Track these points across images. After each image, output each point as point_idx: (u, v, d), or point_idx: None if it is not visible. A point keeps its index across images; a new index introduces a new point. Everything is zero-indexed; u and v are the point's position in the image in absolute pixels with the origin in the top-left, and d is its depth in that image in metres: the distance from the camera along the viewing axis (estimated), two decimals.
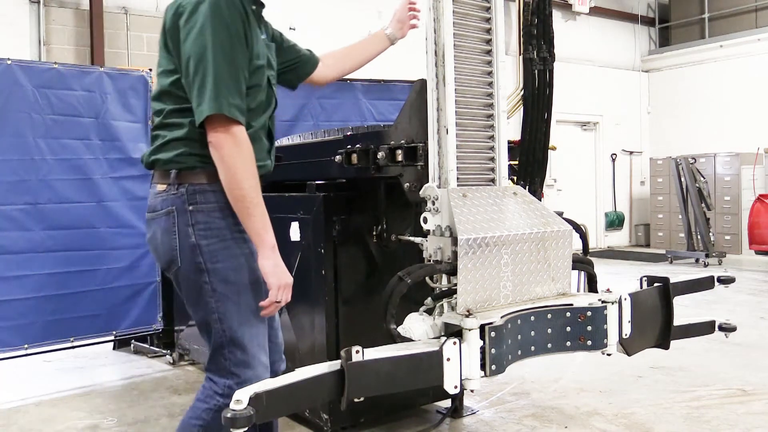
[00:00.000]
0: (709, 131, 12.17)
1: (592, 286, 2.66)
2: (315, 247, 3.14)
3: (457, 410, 3.59)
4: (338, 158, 2.95)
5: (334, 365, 1.79)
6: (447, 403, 3.60)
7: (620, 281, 8.09)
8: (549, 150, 3.36)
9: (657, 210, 12.35)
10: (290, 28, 8.12)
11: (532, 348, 2.16)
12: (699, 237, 9.91)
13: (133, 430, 3.54)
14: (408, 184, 2.60)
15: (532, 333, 2.16)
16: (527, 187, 3.19)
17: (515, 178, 3.18)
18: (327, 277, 3.14)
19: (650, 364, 4.37)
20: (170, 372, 4.62)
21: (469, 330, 1.95)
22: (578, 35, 12.15)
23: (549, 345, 2.19)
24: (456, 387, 1.95)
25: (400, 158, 2.62)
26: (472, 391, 2.13)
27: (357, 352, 1.78)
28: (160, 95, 2.05)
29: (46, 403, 4.02)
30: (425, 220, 2.36)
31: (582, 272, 2.73)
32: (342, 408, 1.80)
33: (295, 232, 3.25)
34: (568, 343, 2.22)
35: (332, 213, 3.14)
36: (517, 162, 3.31)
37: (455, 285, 2.19)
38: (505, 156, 2.60)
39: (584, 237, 3.10)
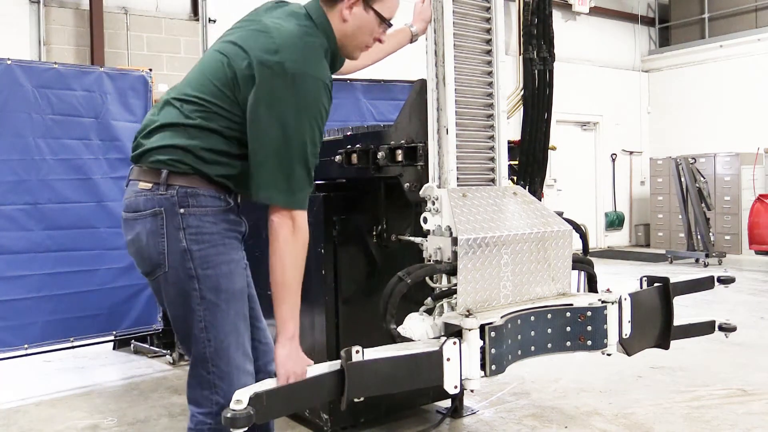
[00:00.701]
0: (709, 131, 12.17)
1: (592, 286, 2.66)
2: (315, 247, 3.14)
3: (457, 410, 3.59)
4: (338, 158, 2.95)
5: (334, 365, 1.79)
6: (447, 403, 3.60)
7: (620, 281, 8.09)
8: (549, 150, 3.37)
9: (657, 210, 12.35)
10: None
11: (532, 348, 2.16)
12: (699, 237, 9.91)
13: (133, 430, 3.54)
14: (408, 184, 2.61)
15: (532, 333, 2.16)
16: (527, 187, 3.19)
17: (515, 178, 3.18)
18: (327, 277, 3.14)
19: (650, 364, 4.37)
20: (170, 372, 4.62)
21: (469, 330, 1.96)
22: (578, 35, 12.14)
23: (549, 345, 2.20)
24: (456, 387, 1.95)
25: (400, 158, 2.63)
26: (472, 391, 2.12)
27: (357, 352, 1.78)
28: (194, 99, 1.90)
29: (46, 403, 4.02)
30: (425, 220, 2.36)
31: (582, 272, 2.73)
32: (342, 408, 1.80)
33: None
34: (568, 343, 2.23)
35: (332, 213, 3.14)
36: (517, 162, 3.31)
37: (455, 285, 2.19)
38: (505, 156, 2.60)
39: (584, 237, 3.10)
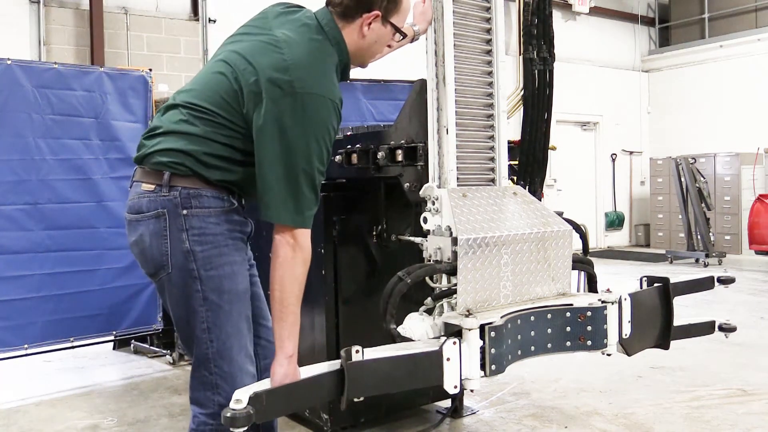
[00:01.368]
0: (709, 131, 12.17)
1: (592, 286, 2.66)
2: (315, 247, 3.11)
3: (457, 410, 3.58)
4: (338, 158, 2.95)
5: (334, 365, 1.79)
6: (447, 403, 3.60)
7: (620, 281, 8.09)
8: (549, 150, 3.37)
9: (657, 210, 12.35)
10: None
11: (532, 348, 2.16)
12: (699, 237, 9.91)
13: (133, 430, 3.54)
14: (408, 184, 2.61)
15: (532, 333, 2.16)
16: (527, 188, 3.19)
17: (515, 178, 3.18)
18: (327, 277, 3.14)
19: (650, 364, 4.37)
20: (170, 372, 4.62)
21: (469, 330, 1.95)
22: (578, 35, 12.14)
23: (549, 345, 2.19)
24: (456, 387, 1.95)
25: (400, 158, 2.63)
26: (472, 391, 2.12)
27: (357, 352, 1.78)
28: (199, 108, 1.90)
29: (46, 403, 4.02)
30: (425, 220, 2.36)
31: (582, 272, 2.73)
32: (342, 408, 1.80)
33: None
34: (568, 343, 2.22)
35: (332, 213, 3.14)
36: (517, 162, 3.31)
37: (455, 285, 2.19)
38: (505, 156, 2.60)
39: (584, 237, 3.10)
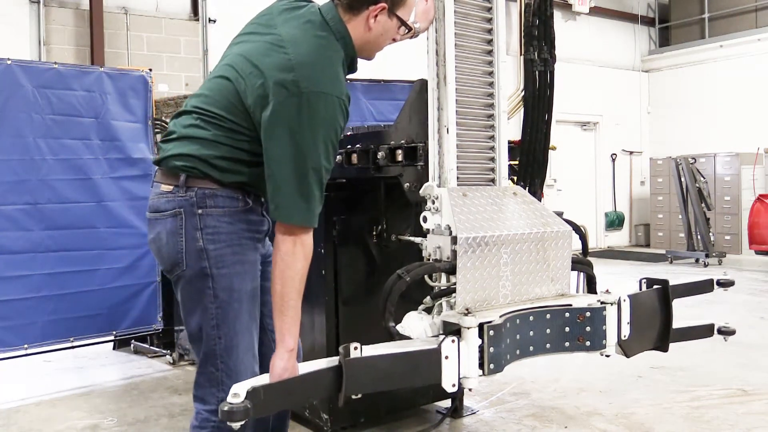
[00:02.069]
0: (709, 131, 12.17)
1: (592, 288, 2.65)
2: (315, 247, 3.12)
3: (457, 410, 3.59)
4: (338, 158, 2.95)
5: (333, 361, 1.80)
6: (447, 403, 3.60)
7: (620, 281, 8.09)
8: (549, 150, 3.37)
9: (657, 210, 12.35)
10: None
11: (531, 348, 2.16)
12: (699, 237, 9.91)
13: (133, 430, 3.54)
14: (408, 184, 2.61)
15: (531, 333, 2.16)
16: (527, 188, 3.19)
17: (515, 179, 3.18)
18: (327, 277, 3.14)
19: (650, 364, 4.37)
20: (170, 372, 4.62)
21: (468, 328, 1.95)
22: (578, 35, 12.14)
23: (548, 345, 2.20)
24: (454, 385, 1.95)
25: (400, 158, 2.63)
26: (470, 390, 2.12)
27: (355, 349, 1.78)
28: (209, 113, 1.93)
29: (46, 403, 4.02)
30: (425, 219, 2.36)
31: (581, 273, 2.73)
32: (339, 404, 1.81)
33: None
34: (567, 344, 2.23)
35: (332, 213, 3.14)
36: (518, 162, 3.31)
37: (454, 284, 2.19)
38: (506, 156, 2.60)
39: (584, 238, 3.10)
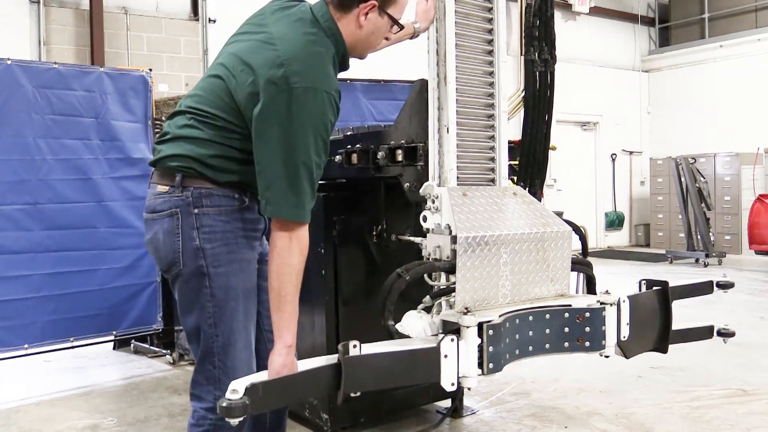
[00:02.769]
0: (709, 131, 12.17)
1: (591, 288, 2.65)
2: (315, 247, 3.13)
3: (457, 410, 3.58)
4: (338, 158, 2.95)
5: (332, 359, 1.80)
6: (447, 403, 3.60)
7: (620, 281, 8.09)
8: (549, 151, 3.36)
9: (657, 210, 12.35)
10: None
11: (530, 348, 2.16)
12: (699, 237, 9.91)
13: (133, 430, 3.54)
14: (408, 184, 2.61)
15: (530, 333, 2.16)
16: (527, 188, 3.19)
17: (515, 179, 3.18)
18: (327, 277, 3.14)
19: (650, 364, 4.37)
20: (170, 372, 4.62)
21: (467, 327, 1.95)
22: (578, 35, 12.14)
23: (547, 345, 2.19)
24: (453, 384, 1.95)
25: (400, 158, 2.63)
26: (469, 389, 2.13)
27: (354, 347, 1.78)
28: (202, 113, 1.94)
29: (46, 403, 4.02)
30: (425, 219, 2.36)
31: (581, 274, 2.73)
32: (338, 402, 1.81)
33: None
34: (566, 344, 2.22)
35: (332, 213, 3.14)
36: (518, 163, 3.31)
37: (454, 283, 2.19)
38: (506, 156, 2.60)
39: (583, 238, 3.09)
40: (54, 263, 4.19)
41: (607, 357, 2.30)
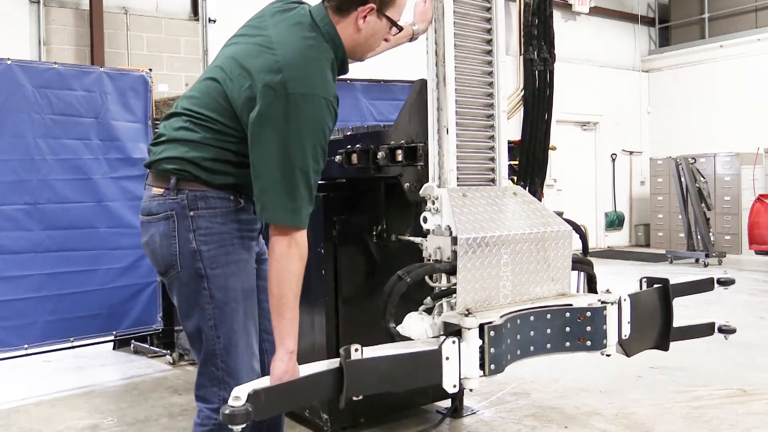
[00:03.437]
0: (709, 131, 12.16)
1: (592, 287, 2.65)
2: (315, 247, 3.13)
3: (457, 410, 3.59)
4: (338, 158, 2.95)
5: (333, 363, 1.80)
6: (447, 403, 3.60)
7: (620, 281, 8.09)
8: (549, 150, 3.36)
9: (657, 210, 12.35)
10: None
11: (532, 348, 2.16)
12: (699, 237, 9.91)
13: (133, 430, 3.54)
14: (408, 184, 2.61)
15: (532, 333, 2.16)
16: (527, 188, 3.19)
17: (515, 179, 3.18)
18: (327, 277, 3.14)
19: (650, 364, 4.37)
20: (170, 372, 4.62)
21: (469, 329, 1.95)
22: (578, 35, 12.14)
23: (548, 345, 2.19)
24: (455, 386, 1.95)
25: (400, 158, 2.63)
26: (471, 391, 2.12)
27: (356, 350, 1.78)
28: (198, 115, 1.94)
29: (46, 403, 4.02)
30: (425, 220, 2.36)
31: (582, 273, 2.73)
32: (340, 406, 1.80)
33: None
34: (568, 344, 2.22)
35: (332, 213, 3.14)
36: (518, 162, 3.31)
37: (455, 284, 2.19)
38: (506, 156, 2.60)
39: (584, 238, 3.10)
40: (54, 263, 4.19)
41: (609, 356, 2.30)
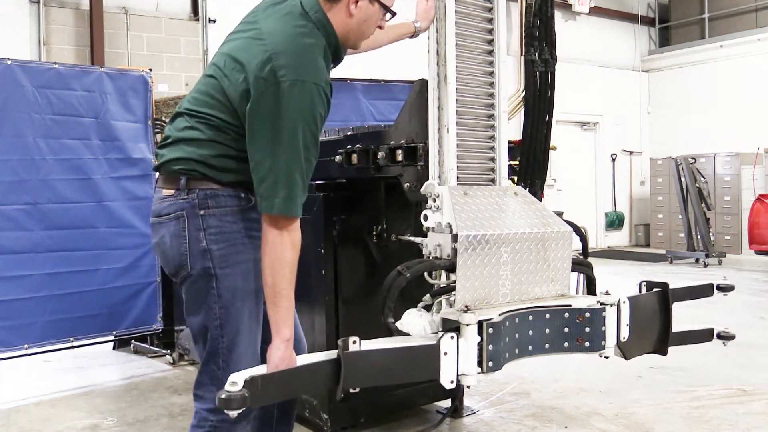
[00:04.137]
0: (709, 131, 12.17)
1: (591, 289, 2.65)
2: (315, 247, 3.14)
3: (457, 410, 3.58)
4: (338, 158, 2.95)
5: (331, 354, 1.81)
6: (447, 403, 3.60)
7: (620, 281, 8.09)
8: (550, 151, 3.36)
9: (657, 210, 12.35)
10: None
11: (530, 347, 2.16)
12: (699, 237, 9.91)
13: (133, 430, 3.54)
14: (408, 184, 2.61)
15: (530, 332, 2.16)
16: (528, 188, 3.19)
17: (515, 179, 3.18)
18: (327, 277, 3.14)
19: (650, 364, 4.36)
20: (170, 372, 4.62)
21: (467, 325, 1.96)
22: (578, 35, 12.15)
23: (547, 345, 2.19)
24: (452, 382, 1.95)
25: (400, 158, 2.63)
26: (469, 387, 2.12)
27: (354, 343, 1.79)
28: (200, 114, 1.95)
29: (46, 403, 4.02)
30: (425, 218, 2.36)
31: (581, 275, 2.73)
32: (337, 397, 1.81)
33: None
34: (566, 344, 2.22)
35: (332, 213, 3.14)
36: (518, 163, 3.31)
37: (454, 282, 2.19)
38: (506, 156, 2.60)
39: (584, 239, 3.09)
40: (54, 263, 4.19)
41: (607, 358, 2.30)
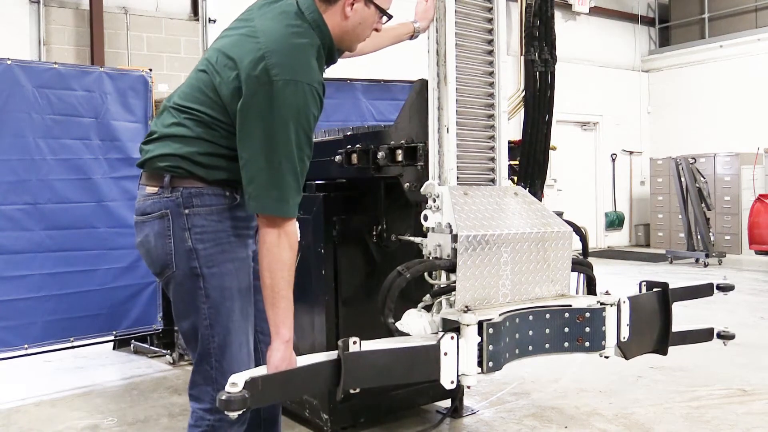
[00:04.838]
0: (709, 131, 12.17)
1: (592, 289, 2.65)
2: (315, 247, 3.14)
3: (457, 410, 3.58)
4: (338, 158, 2.95)
5: (331, 355, 1.81)
6: (447, 403, 3.60)
7: (620, 281, 8.10)
8: (550, 151, 3.36)
9: (657, 210, 12.35)
10: None
11: (530, 348, 2.16)
12: (699, 237, 9.91)
13: (133, 430, 3.54)
14: (408, 184, 2.61)
15: (530, 332, 2.16)
16: (528, 188, 3.19)
17: (515, 179, 3.18)
18: (327, 277, 3.14)
19: (650, 365, 4.36)
20: (170, 372, 4.62)
21: (467, 326, 1.96)
22: (578, 35, 12.14)
23: (547, 345, 2.19)
24: (452, 382, 1.95)
25: (400, 158, 2.63)
26: (469, 387, 2.12)
27: (354, 343, 1.79)
28: (189, 110, 1.93)
29: (46, 403, 4.02)
30: (426, 218, 2.36)
31: (581, 275, 2.73)
32: (337, 398, 1.81)
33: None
34: (566, 344, 2.22)
35: (332, 213, 3.14)
36: (518, 163, 3.31)
37: (454, 282, 2.19)
38: (506, 156, 2.60)
39: (584, 239, 3.09)
40: (54, 263, 4.19)
41: (607, 357, 2.30)
